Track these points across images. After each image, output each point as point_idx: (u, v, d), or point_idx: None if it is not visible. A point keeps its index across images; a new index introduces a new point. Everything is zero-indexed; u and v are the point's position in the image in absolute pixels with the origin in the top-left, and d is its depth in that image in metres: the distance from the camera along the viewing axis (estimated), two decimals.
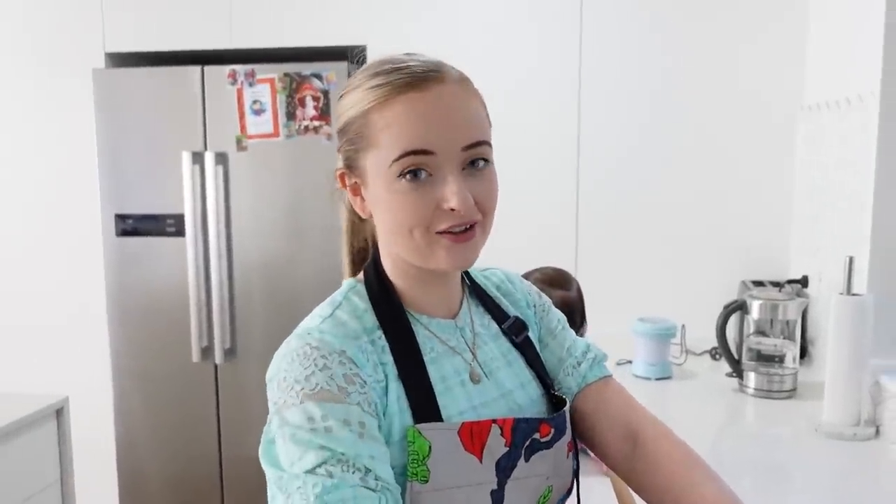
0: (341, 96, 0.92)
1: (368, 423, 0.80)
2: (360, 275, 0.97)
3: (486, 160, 0.87)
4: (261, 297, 2.90)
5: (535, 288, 1.10)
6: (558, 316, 1.09)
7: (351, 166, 0.91)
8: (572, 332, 1.08)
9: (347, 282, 0.97)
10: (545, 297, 1.10)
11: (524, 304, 1.06)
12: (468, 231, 0.86)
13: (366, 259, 0.98)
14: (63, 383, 2.68)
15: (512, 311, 1.03)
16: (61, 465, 2.28)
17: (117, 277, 2.98)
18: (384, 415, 0.84)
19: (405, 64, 0.86)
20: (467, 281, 1.02)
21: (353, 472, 0.76)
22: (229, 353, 2.92)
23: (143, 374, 3.00)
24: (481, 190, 0.86)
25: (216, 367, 2.94)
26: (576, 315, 1.82)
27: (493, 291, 1.04)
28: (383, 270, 0.94)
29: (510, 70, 2.77)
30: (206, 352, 2.93)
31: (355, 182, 0.91)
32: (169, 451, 3.02)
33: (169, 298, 2.95)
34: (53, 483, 2.26)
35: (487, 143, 0.87)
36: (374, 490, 0.76)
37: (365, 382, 0.82)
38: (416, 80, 0.84)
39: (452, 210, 0.83)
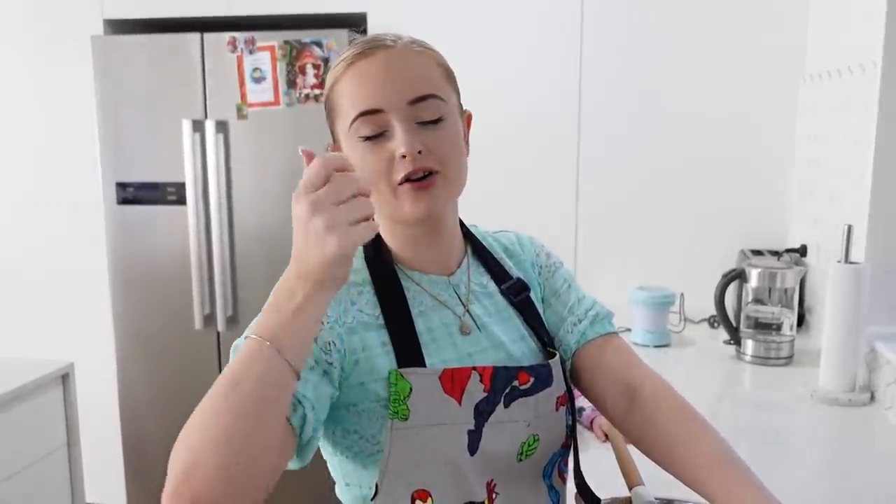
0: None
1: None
2: None
3: (440, 118, 0.93)
4: (262, 264, 2.92)
5: (545, 249, 1.14)
6: (565, 276, 1.11)
7: (333, 138, 1.00)
8: (581, 292, 1.11)
9: None
10: (555, 258, 1.13)
11: (528, 265, 1.10)
12: (427, 178, 0.92)
13: None
14: (66, 351, 2.70)
15: (515, 273, 1.07)
16: (68, 430, 2.32)
17: (119, 246, 2.99)
18: (348, 352, 0.91)
19: (366, 39, 0.95)
20: (471, 241, 1.07)
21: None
22: (231, 320, 2.95)
23: (146, 342, 3.02)
24: (435, 139, 0.92)
25: (218, 334, 2.97)
26: None
27: (498, 253, 1.09)
28: (379, 234, 1.01)
29: (510, 37, 2.76)
30: (209, 319, 2.96)
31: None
32: (172, 418, 3.03)
33: (171, 266, 2.97)
34: (60, 447, 2.29)
35: (437, 97, 0.93)
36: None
37: (322, 323, 0.88)
38: (365, 49, 0.93)
39: (403, 157, 0.90)
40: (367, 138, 0.91)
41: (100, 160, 2.95)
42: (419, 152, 0.90)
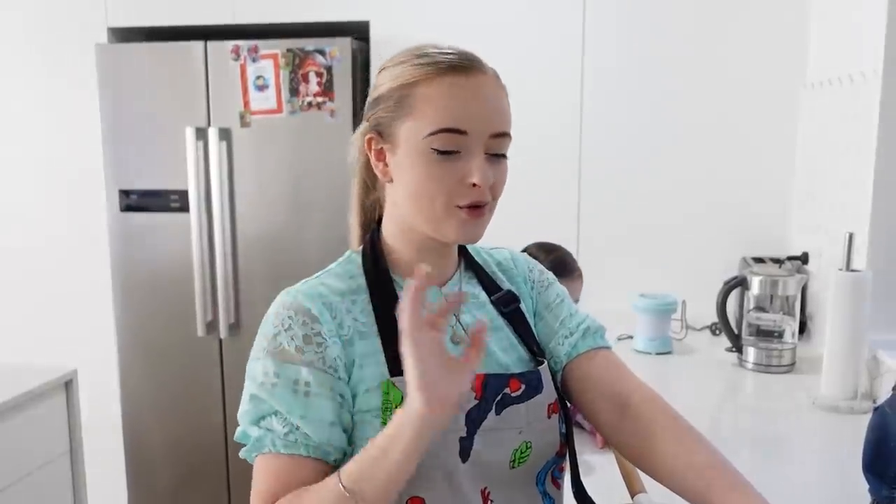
0: (382, 69, 0.99)
1: (315, 381, 0.91)
2: (360, 247, 1.06)
3: (504, 155, 0.97)
4: (264, 271, 2.92)
5: (539, 266, 1.16)
6: (558, 291, 1.13)
7: (382, 132, 0.97)
8: (574, 307, 1.12)
9: (349, 251, 1.07)
10: (548, 275, 1.15)
11: (521, 280, 1.12)
12: (480, 208, 0.94)
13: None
14: (69, 357, 2.70)
15: (506, 286, 1.09)
16: (70, 436, 2.32)
17: (122, 253, 3.00)
18: (349, 364, 0.94)
19: (450, 50, 0.95)
20: (464, 255, 1.09)
21: (284, 426, 0.90)
22: (233, 327, 2.95)
23: (149, 349, 3.03)
24: (498, 174, 0.96)
25: (220, 341, 2.97)
26: None
27: (491, 267, 1.11)
28: (381, 239, 1.03)
29: (513, 45, 2.77)
30: (211, 326, 2.96)
31: (382, 147, 0.98)
32: (174, 424, 3.05)
33: (173, 273, 2.97)
34: (63, 454, 2.29)
35: (510, 137, 0.97)
36: (293, 443, 0.90)
37: (324, 340, 0.93)
38: (461, 64, 0.93)
39: (474, 185, 0.92)
40: (442, 153, 0.92)
41: (103, 167, 2.96)
42: (490, 186, 0.93)
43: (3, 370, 2.28)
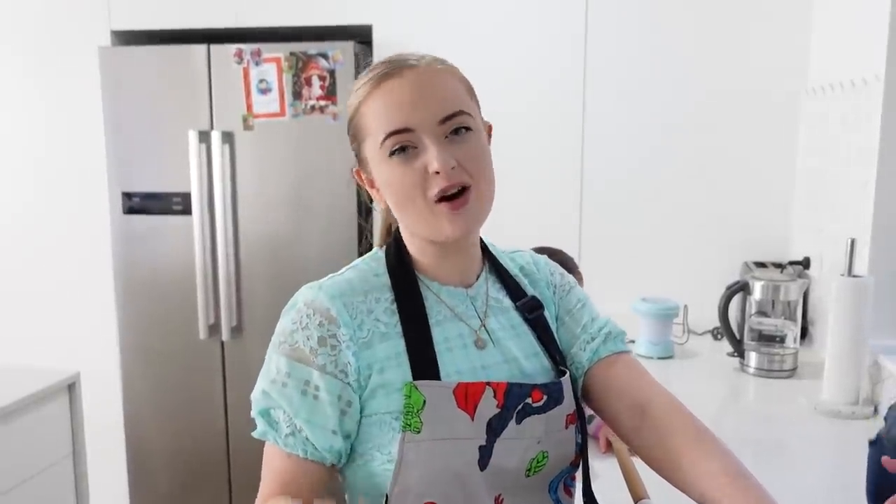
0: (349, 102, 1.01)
1: (325, 385, 0.92)
2: (384, 244, 1.06)
3: (467, 128, 0.95)
4: (267, 274, 2.93)
5: (559, 269, 1.15)
6: (579, 296, 1.12)
7: (360, 161, 1.01)
8: (595, 311, 1.11)
9: (374, 249, 1.07)
10: (569, 279, 1.14)
11: (543, 284, 1.11)
12: (461, 196, 0.93)
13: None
14: (72, 360, 2.71)
15: (530, 291, 1.08)
16: (73, 439, 2.32)
17: (124, 255, 3.00)
18: (362, 369, 0.94)
19: (387, 59, 0.97)
20: (488, 258, 1.09)
21: (288, 426, 0.93)
22: (236, 330, 2.95)
23: (151, 352, 3.03)
24: (464, 153, 0.94)
25: (223, 344, 2.97)
26: None
27: (514, 271, 1.10)
28: (404, 243, 1.03)
29: (515, 47, 2.78)
30: (213, 329, 2.96)
31: (367, 175, 1.01)
32: (176, 428, 3.06)
33: (176, 276, 2.98)
34: (66, 456, 2.30)
35: (465, 113, 0.95)
36: (293, 444, 0.93)
37: (338, 343, 0.93)
38: (392, 69, 0.94)
39: (437, 173, 0.91)
40: (398, 153, 0.93)
41: (106, 169, 2.96)
42: (452, 168, 0.92)
43: (7, 373, 2.29)
